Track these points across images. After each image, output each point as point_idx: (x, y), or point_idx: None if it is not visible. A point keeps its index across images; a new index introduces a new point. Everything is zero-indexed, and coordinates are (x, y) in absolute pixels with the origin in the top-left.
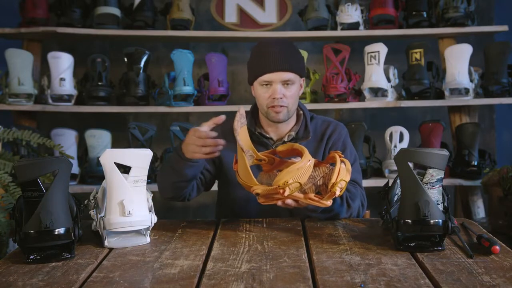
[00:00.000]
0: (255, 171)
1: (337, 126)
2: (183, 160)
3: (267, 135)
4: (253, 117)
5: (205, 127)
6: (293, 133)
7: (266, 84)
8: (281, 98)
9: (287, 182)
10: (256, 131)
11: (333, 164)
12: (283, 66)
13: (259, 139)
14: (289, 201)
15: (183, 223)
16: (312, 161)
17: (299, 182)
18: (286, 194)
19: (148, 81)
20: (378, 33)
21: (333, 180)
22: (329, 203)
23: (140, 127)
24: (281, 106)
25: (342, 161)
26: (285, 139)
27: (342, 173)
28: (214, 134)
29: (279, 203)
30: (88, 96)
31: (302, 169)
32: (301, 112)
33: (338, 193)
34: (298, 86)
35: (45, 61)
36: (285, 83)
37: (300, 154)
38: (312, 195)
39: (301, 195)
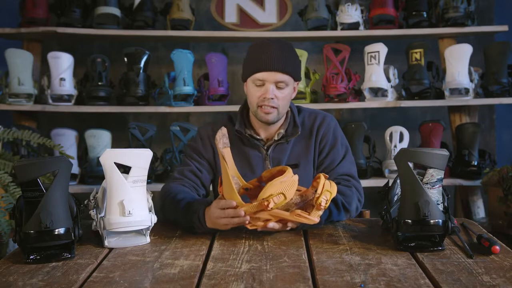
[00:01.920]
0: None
1: (325, 117)
2: (204, 228)
3: (258, 137)
4: (242, 117)
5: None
6: (282, 131)
7: (259, 84)
8: (272, 98)
9: (271, 195)
10: (247, 133)
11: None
12: (278, 66)
13: (250, 141)
14: (271, 224)
15: None
16: (296, 176)
17: (283, 194)
18: (270, 206)
19: (148, 81)
20: (378, 33)
21: (319, 191)
22: (316, 219)
23: (140, 127)
24: (272, 107)
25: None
26: (275, 138)
27: (327, 185)
28: (233, 203)
29: (260, 227)
30: (88, 96)
31: (286, 183)
32: (289, 108)
33: (323, 204)
34: (291, 89)
35: (45, 61)
36: (278, 84)
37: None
38: (298, 211)
39: (287, 213)
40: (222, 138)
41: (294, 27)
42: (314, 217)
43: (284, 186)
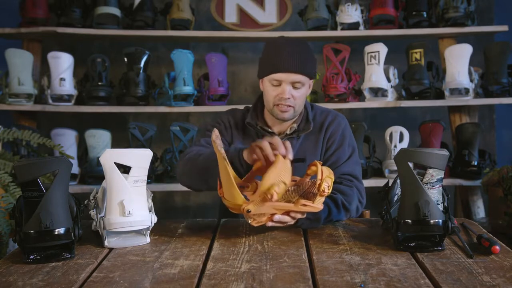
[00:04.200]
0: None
1: (336, 116)
2: (240, 161)
3: (270, 130)
4: (255, 111)
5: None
6: (295, 125)
7: (276, 84)
8: (288, 98)
9: (272, 186)
10: (258, 125)
11: (314, 177)
12: (295, 67)
13: (260, 134)
14: (277, 217)
15: (183, 223)
16: (287, 159)
17: (283, 182)
18: (275, 198)
19: (148, 81)
20: (378, 33)
21: (319, 177)
22: (321, 206)
23: (140, 127)
24: (288, 106)
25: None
26: (288, 132)
27: (326, 172)
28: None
29: (269, 223)
30: (88, 96)
31: (281, 169)
32: None
33: (326, 190)
34: (307, 88)
35: (45, 61)
36: (295, 84)
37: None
38: (303, 201)
39: (291, 204)
40: (216, 139)
41: (294, 27)
42: (319, 205)
43: (281, 174)
